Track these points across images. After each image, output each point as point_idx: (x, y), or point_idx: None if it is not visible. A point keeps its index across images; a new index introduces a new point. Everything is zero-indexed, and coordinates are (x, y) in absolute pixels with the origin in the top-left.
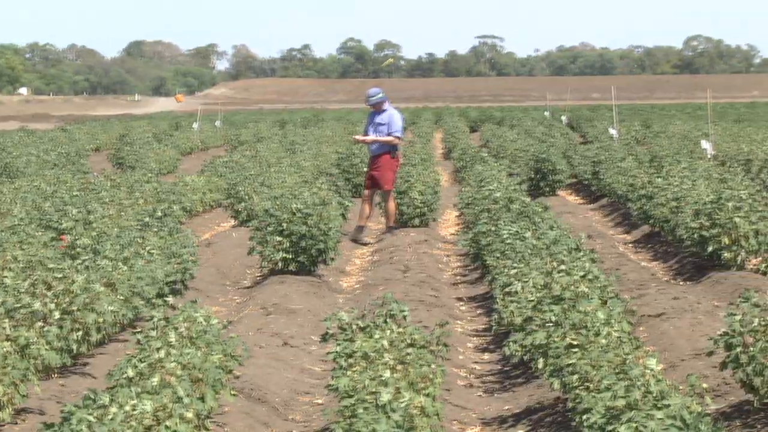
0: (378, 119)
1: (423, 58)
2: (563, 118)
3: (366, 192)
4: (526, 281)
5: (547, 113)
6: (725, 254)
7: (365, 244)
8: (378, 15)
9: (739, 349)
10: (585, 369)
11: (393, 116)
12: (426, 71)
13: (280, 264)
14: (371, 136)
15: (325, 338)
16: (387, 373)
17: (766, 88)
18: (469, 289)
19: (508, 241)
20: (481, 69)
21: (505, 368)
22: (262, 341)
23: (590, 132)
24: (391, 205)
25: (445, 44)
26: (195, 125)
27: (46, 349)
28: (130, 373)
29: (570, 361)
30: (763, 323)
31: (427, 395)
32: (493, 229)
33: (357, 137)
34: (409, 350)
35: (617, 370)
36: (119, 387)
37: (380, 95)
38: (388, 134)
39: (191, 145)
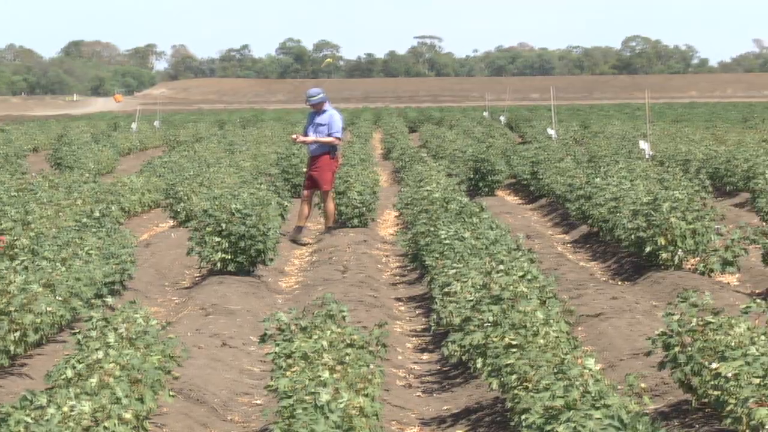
0: (318, 119)
1: (362, 58)
2: (502, 118)
3: (305, 192)
4: (465, 281)
5: (486, 113)
6: (663, 254)
7: (304, 245)
8: (317, 15)
9: (677, 349)
10: (524, 369)
11: (333, 117)
12: (365, 71)
13: (218, 264)
14: (311, 137)
15: (264, 339)
16: (326, 374)
17: (703, 89)
18: (408, 290)
19: (447, 241)
20: (420, 69)
21: (444, 368)
22: (201, 342)
23: (529, 132)
24: (330, 205)
25: (384, 44)
26: (133, 125)
27: None
28: (69, 374)
29: (508, 361)
30: (701, 323)
31: (366, 395)
32: (431, 229)
33: (297, 137)
34: (348, 350)
35: (556, 370)
36: (57, 388)
37: (320, 95)
38: (328, 135)
39: (130, 145)
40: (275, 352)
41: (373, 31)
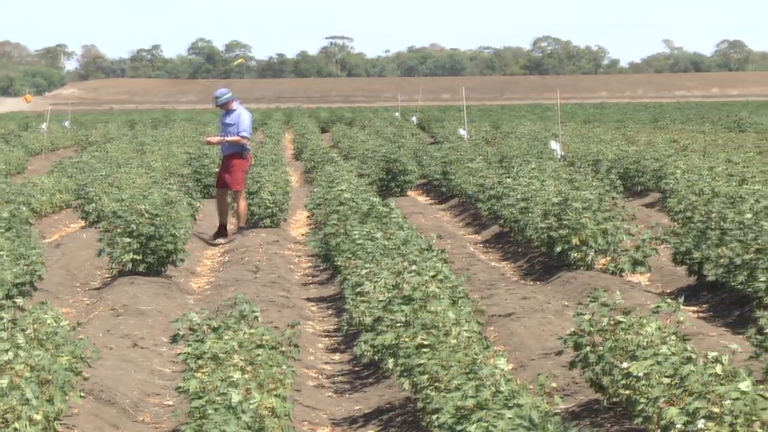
0: (227, 120)
1: (273, 58)
2: (413, 118)
3: (217, 191)
4: (377, 281)
5: (397, 114)
6: (574, 254)
7: (216, 245)
8: (228, 15)
9: (588, 349)
10: (435, 369)
11: (241, 116)
12: (277, 72)
13: (129, 265)
14: (218, 137)
15: (175, 339)
16: (237, 374)
17: (614, 89)
18: (320, 290)
19: (359, 241)
20: (332, 69)
21: (356, 368)
22: (112, 342)
23: (440, 132)
24: (242, 205)
25: (295, 45)
26: (44, 126)
27: None
28: None
29: (420, 361)
30: (611, 323)
31: (278, 396)
32: (343, 229)
33: (208, 139)
34: (260, 351)
35: (467, 370)
36: None
37: (227, 95)
38: (237, 134)
39: (40, 145)
40: (186, 353)
41: (285, 31)
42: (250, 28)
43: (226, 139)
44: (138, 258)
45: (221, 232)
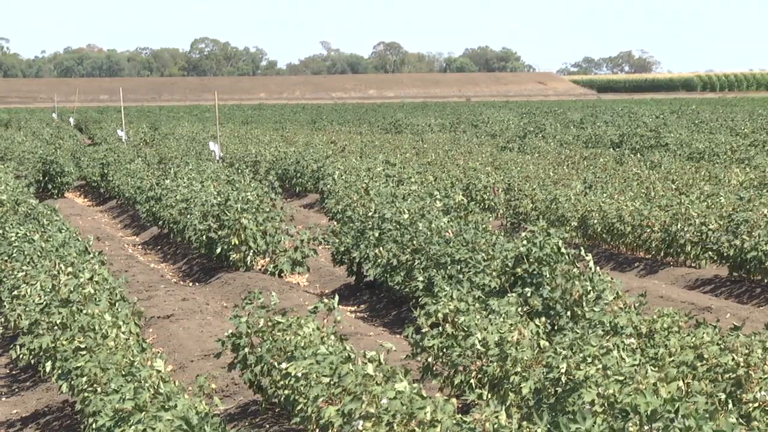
0: None
1: None
2: (71, 119)
3: None
4: (34, 284)
5: (54, 115)
6: (233, 255)
7: None
8: None
9: (246, 350)
10: (94, 371)
11: None
12: None
13: None
14: None
15: None
16: None
17: (272, 90)
18: None
19: (16, 243)
20: None
21: (14, 372)
22: None
23: (99, 134)
24: None
25: None
26: None
27: None
28: None
29: (78, 364)
30: (269, 324)
31: None
32: (0, 231)
33: None
34: None
35: (125, 372)
36: None
37: None
38: None
39: None
40: None
41: None
42: None
43: None
44: None
45: None
